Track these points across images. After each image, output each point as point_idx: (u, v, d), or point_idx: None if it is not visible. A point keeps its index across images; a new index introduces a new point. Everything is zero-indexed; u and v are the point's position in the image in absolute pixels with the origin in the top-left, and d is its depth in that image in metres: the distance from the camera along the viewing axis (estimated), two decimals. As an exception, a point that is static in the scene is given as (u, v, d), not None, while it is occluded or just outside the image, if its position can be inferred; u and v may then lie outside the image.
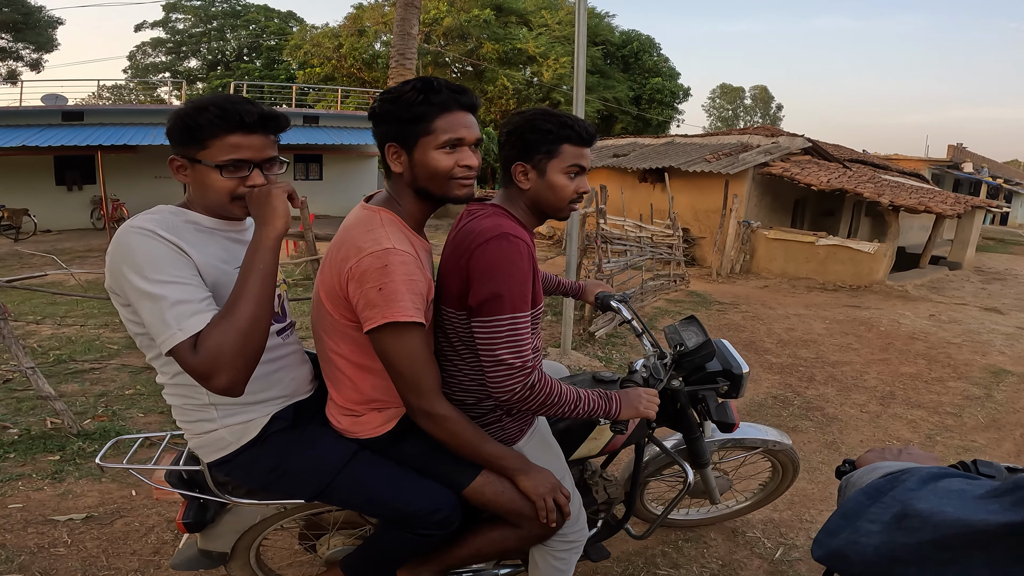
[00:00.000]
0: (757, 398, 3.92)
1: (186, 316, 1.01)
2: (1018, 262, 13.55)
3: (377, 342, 1.13)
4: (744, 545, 2.26)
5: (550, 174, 1.27)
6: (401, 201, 1.21)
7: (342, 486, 1.27)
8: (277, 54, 28.96)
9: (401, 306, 1.08)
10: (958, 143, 21.19)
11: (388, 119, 1.14)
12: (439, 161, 1.14)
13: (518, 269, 1.16)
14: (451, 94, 1.13)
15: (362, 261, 1.09)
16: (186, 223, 1.14)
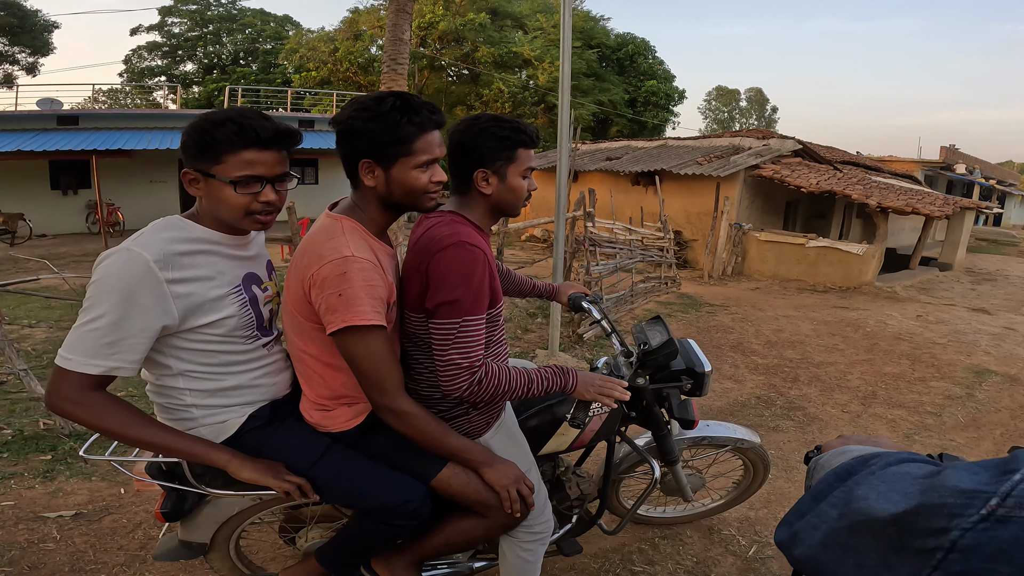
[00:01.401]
0: (740, 398, 3.97)
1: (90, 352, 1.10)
2: (1010, 263, 13.64)
3: (340, 344, 1.19)
4: (719, 543, 2.31)
5: (510, 178, 1.34)
6: (366, 210, 1.26)
7: (316, 479, 1.32)
8: (273, 58, 28.98)
9: (360, 310, 1.14)
10: (950, 145, 21.33)
11: (366, 135, 1.16)
12: (416, 179, 1.21)
13: (473, 275, 1.22)
14: (428, 115, 1.19)
15: (322, 268, 1.15)
16: (186, 241, 1.19)
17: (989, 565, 0.41)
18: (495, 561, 1.75)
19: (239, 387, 1.30)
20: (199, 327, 1.20)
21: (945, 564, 0.43)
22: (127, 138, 12.30)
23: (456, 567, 1.73)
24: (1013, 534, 0.40)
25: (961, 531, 0.43)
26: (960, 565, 0.42)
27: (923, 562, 0.45)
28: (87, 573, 1.97)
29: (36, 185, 12.84)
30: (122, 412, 1.16)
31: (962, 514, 0.43)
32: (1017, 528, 0.40)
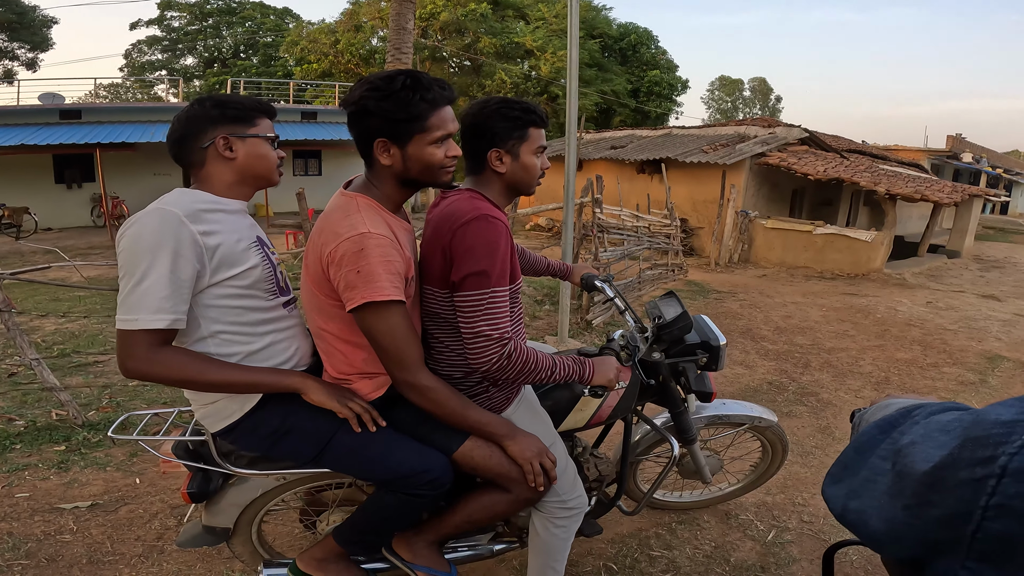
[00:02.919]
0: (753, 384, 3.97)
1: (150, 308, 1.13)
2: (1018, 251, 13.53)
3: (359, 320, 1.19)
4: (737, 527, 2.29)
5: (523, 156, 1.36)
6: (380, 187, 1.27)
7: (338, 446, 1.33)
8: (274, 51, 28.88)
9: (379, 286, 1.14)
10: (957, 134, 21.15)
11: (380, 115, 1.17)
12: (432, 155, 1.22)
13: (497, 247, 1.24)
14: (440, 91, 1.20)
15: (340, 246, 1.16)
16: (203, 202, 1.25)
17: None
18: (515, 544, 1.76)
19: (267, 348, 1.31)
20: (227, 279, 1.23)
21: (1000, 489, 0.45)
22: (130, 131, 12.30)
23: (477, 549, 1.73)
24: None
25: (1009, 456, 0.45)
26: (1015, 488, 0.44)
27: (976, 491, 0.46)
28: (105, 565, 1.97)
29: (40, 179, 12.87)
30: (196, 360, 1.20)
31: (1007, 441, 0.45)
32: None
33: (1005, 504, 0.45)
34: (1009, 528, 0.45)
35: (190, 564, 1.97)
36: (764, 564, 2.08)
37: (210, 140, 1.25)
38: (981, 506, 0.46)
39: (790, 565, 2.08)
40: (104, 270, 7.47)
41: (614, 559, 2.08)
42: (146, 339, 1.13)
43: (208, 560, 1.98)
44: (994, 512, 0.46)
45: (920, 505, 0.52)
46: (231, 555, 1.95)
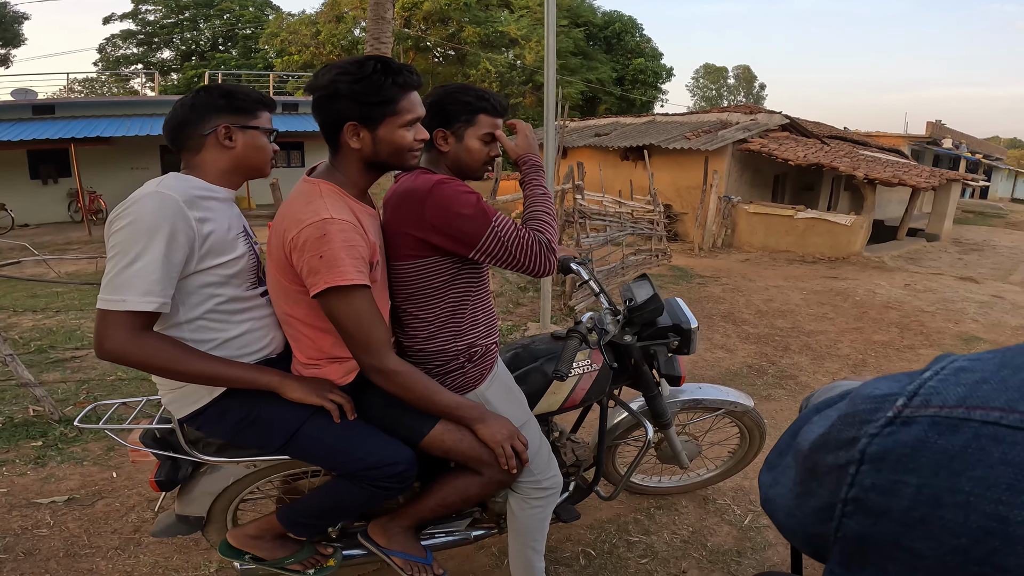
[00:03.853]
0: (733, 368, 4.01)
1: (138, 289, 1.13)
2: (997, 234, 13.80)
3: (324, 305, 1.19)
4: (714, 512, 2.31)
5: (467, 140, 1.40)
6: (346, 172, 1.27)
7: (305, 435, 1.32)
8: (253, 43, 28.39)
9: (342, 270, 1.14)
10: (937, 120, 21.42)
11: (352, 98, 1.17)
12: (403, 138, 1.23)
13: (469, 194, 1.29)
14: (408, 75, 1.21)
15: (302, 232, 1.15)
16: (198, 188, 1.26)
17: (896, 477, 0.36)
18: (492, 530, 1.77)
19: (242, 336, 1.30)
20: (214, 267, 1.24)
21: (859, 479, 0.38)
22: (105, 125, 12.09)
23: (454, 535, 1.73)
24: (916, 435, 0.36)
25: (869, 438, 0.38)
26: (871, 478, 0.38)
27: (839, 480, 0.40)
28: (82, 558, 1.96)
29: (15, 175, 12.61)
30: (175, 348, 1.19)
31: (871, 419, 0.39)
32: (920, 429, 0.36)
33: (861, 498, 0.39)
34: (863, 528, 0.39)
35: (167, 556, 1.97)
36: (740, 549, 2.10)
37: (211, 128, 1.27)
38: (841, 499, 0.40)
39: (766, 549, 2.10)
40: (83, 265, 7.35)
41: (593, 544, 2.09)
42: (129, 321, 1.12)
43: (185, 551, 1.98)
44: (852, 507, 0.39)
45: (803, 494, 0.46)
46: (208, 546, 1.95)
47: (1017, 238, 13.19)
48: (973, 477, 0.33)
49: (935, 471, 0.34)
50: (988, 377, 0.36)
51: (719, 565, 2.02)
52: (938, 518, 0.34)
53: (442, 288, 1.36)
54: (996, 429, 0.33)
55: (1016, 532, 0.31)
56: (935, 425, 0.35)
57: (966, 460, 0.34)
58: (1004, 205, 23.81)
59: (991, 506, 0.32)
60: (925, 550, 0.35)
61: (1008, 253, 10.64)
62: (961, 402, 0.35)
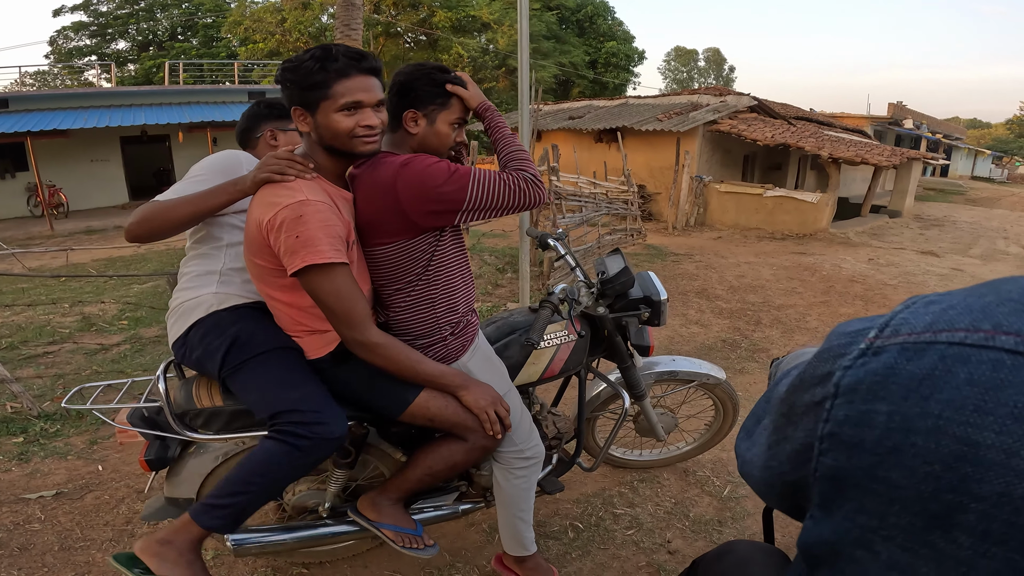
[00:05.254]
0: (707, 342, 4.13)
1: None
2: (957, 210, 14.29)
3: (304, 284, 1.23)
4: (695, 484, 2.37)
5: (439, 124, 1.40)
6: (314, 157, 1.30)
7: (250, 367, 1.35)
8: (215, 31, 27.44)
9: (319, 249, 1.18)
10: (898, 101, 22.03)
11: (290, 86, 1.23)
12: (340, 123, 1.23)
13: (436, 165, 1.30)
14: (348, 60, 1.22)
15: (279, 214, 1.19)
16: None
17: (868, 406, 0.36)
18: (480, 504, 1.79)
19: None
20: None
21: (833, 413, 0.38)
22: (62, 118, 11.63)
23: (443, 510, 1.75)
24: (885, 363, 0.36)
25: (843, 370, 0.38)
26: (844, 411, 0.37)
27: (816, 418, 0.39)
28: (77, 551, 1.96)
29: (-31, 172, 12.06)
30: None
31: (845, 353, 0.39)
32: (889, 356, 0.36)
33: (836, 433, 0.38)
34: (839, 463, 0.38)
35: None
36: (721, 519, 2.16)
37: (261, 132, 1.63)
38: (818, 436, 0.39)
39: (745, 519, 2.17)
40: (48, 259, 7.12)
41: (580, 518, 2.14)
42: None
43: None
44: (828, 443, 0.39)
45: (779, 442, 0.46)
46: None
47: (976, 214, 13.70)
48: (941, 400, 0.33)
49: (904, 396, 0.34)
50: (954, 304, 0.36)
51: (701, 535, 2.08)
52: (910, 445, 0.34)
53: (422, 266, 1.37)
54: (961, 349, 0.33)
55: (987, 456, 0.31)
56: (904, 351, 0.35)
57: (934, 383, 0.33)
58: (964, 182, 24.65)
59: (960, 429, 0.32)
60: (900, 480, 0.34)
61: (968, 228, 11.05)
62: (928, 328, 0.35)
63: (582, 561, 1.94)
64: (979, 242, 9.51)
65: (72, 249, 6.28)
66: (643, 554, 1.98)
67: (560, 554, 1.97)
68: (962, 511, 0.32)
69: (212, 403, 1.42)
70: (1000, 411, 0.31)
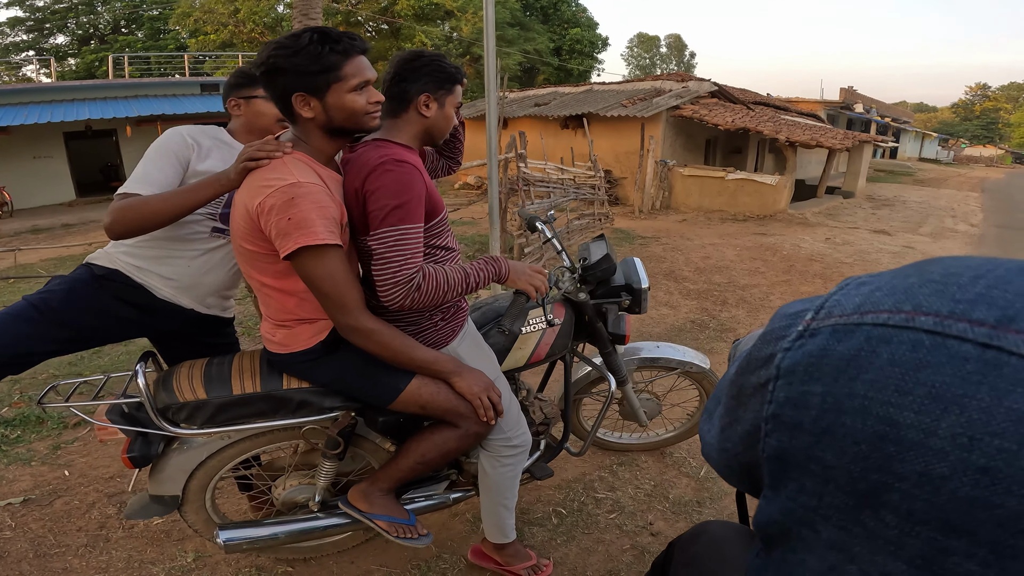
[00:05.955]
0: (677, 323, 4.22)
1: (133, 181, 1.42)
2: (906, 190, 14.92)
3: (297, 267, 1.21)
4: (672, 465, 2.40)
5: (447, 108, 1.43)
6: (309, 140, 1.28)
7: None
8: (162, 24, 26.30)
9: (313, 231, 1.16)
10: (849, 86, 22.82)
11: (292, 71, 1.19)
12: (354, 102, 1.23)
13: (406, 186, 1.26)
14: (350, 41, 1.22)
15: (269, 196, 1.17)
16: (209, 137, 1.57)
17: (805, 387, 0.36)
18: (470, 492, 1.78)
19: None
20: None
21: (775, 395, 0.38)
22: (1, 115, 10.96)
23: (434, 499, 1.74)
24: (819, 345, 0.36)
25: (783, 352, 0.38)
26: (785, 392, 0.38)
27: (762, 399, 0.40)
28: (53, 557, 1.90)
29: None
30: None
31: (786, 335, 0.39)
32: (822, 338, 0.36)
33: (778, 414, 0.38)
34: (782, 444, 0.38)
35: (140, 549, 1.93)
36: (700, 499, 2.19)
37: (226, 100, 1.67)
38: (763, 417, 0.40)
39: (722, 499, 2.20)
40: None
41: (563, 504, 2.16)
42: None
43: (158, 543, 1.95)
44: (772, 425, 0.39)
45: (732, 423, 0.46)
46: (182, 536, 1.95)
47: (925, 194, 14.32)
48: (866, 380, 0.33)
49: (835, 377, 0.35)
50: (881, 286, 0.37)
51: (682, 516, 2.11)
52: (840, 425, 0.34)
53: None
54: (884, 330, 0.33)
55: (907, 436, 0.31)
56: (835, 333, 0.36)
57: (860, 364, 0.34)
58: (912, 164, 25.79)
59: (883, 409, 0.32)
60: (833, 460, 0.35)
61: (917, 207, 11.53)
62: (856, 309, 0.36)
63: (567, 547, 1.96)
64: (928, 221, 9.92)
65: (20, 249, 5.98)
66: (626, 537, 2.00)
67: (545, 540, 1.98)
68: (887, 491, 0.33)
69: (195, 396, 1.38)
70: (918, 391, 0.31)
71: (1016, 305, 0.30)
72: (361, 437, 1.60)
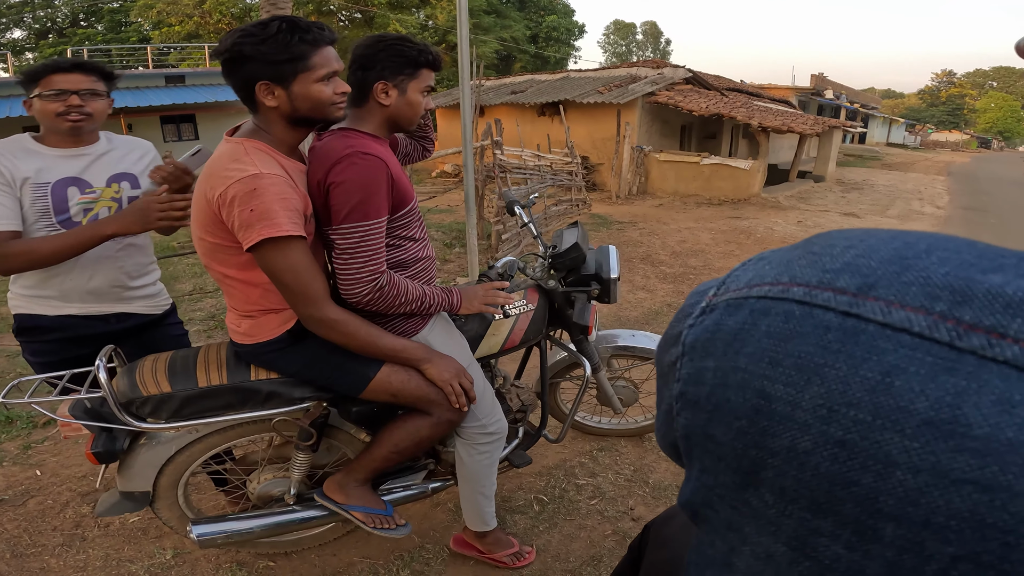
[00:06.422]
0: (654, 307, 4.26)
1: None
2: (874, 174, 15.26)
3: (259, 259, 1.18)
4: (652, 450, 2.39)
5: (410, 93, 1.37)
6: (271, 130, 1.25)
7: None
8: (123, 16, 25.46)
9: (276, 222, 1.13)
10: (820, 73, 23.18)
11: (258, 59, 1.16)
12: (321, 92, 1.21)
13: (370, 181, 1.25)
14: (319, 31, 1.20)
15: (230, 188, 1.14)
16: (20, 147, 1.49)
17: (702, 363, 0.36)
18: (449, 481, 1.76)
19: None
20: None
21: (681, 372, 0.38)
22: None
23: (412, 489, 1.72)
24: (715, 320, 0.36)
25: (688, 329, 0.38)
26: (687, 369, 0.37)
27: (673, 377, 0.39)
28: (30, 557, 1.87)
29: None
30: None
31: (692, 312, 0.39)
32: (718, 313, 0.36)
33: (684, 392, 0.37)
34: (687, 422, 0.37)
35: (117, 547, 1.90)
36: (679, 483, 2.21)
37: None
38: (674, 396, 0.39)
39: None
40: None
41: (544, 491, 2.15)
42: None
43: (135, 541, 1.92)
44: (680, 403, 0.38)
45: (659, 403, 0.44)
46: (160, 533, 1.93)
47: (892, 177, 14.67)
48: (746, 353, 0.33)
49: (724, 352, 0.34)
50: (771, 259, 0.36)
51: (662, 501, 2.12)
52: (726, 401, 0.34)
53: None
54: (764, 302, 0.33)
55: (777, 409, 0.31)
56: (728, 307, 0.35)
57: (743, 337, 0.33)
58: (880, 149, 26.42)
59: (759, 382, 0.32)
60: (720, 436, 0.34)
61: (885, 191, 11.80)
62: (747, 283, 0.35)
63: (550, 534, 1.96)
64: (896, 203, 10.17)
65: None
66: (608, 523, 2.01)
67: (527, 528, 1.98)
68: (764, 468, 0.32)
69: (159, 389, 1.35)
70: (787, 362, 0.30)
71: (878, 272, 0.30)
72: (335, 428, 1.58)
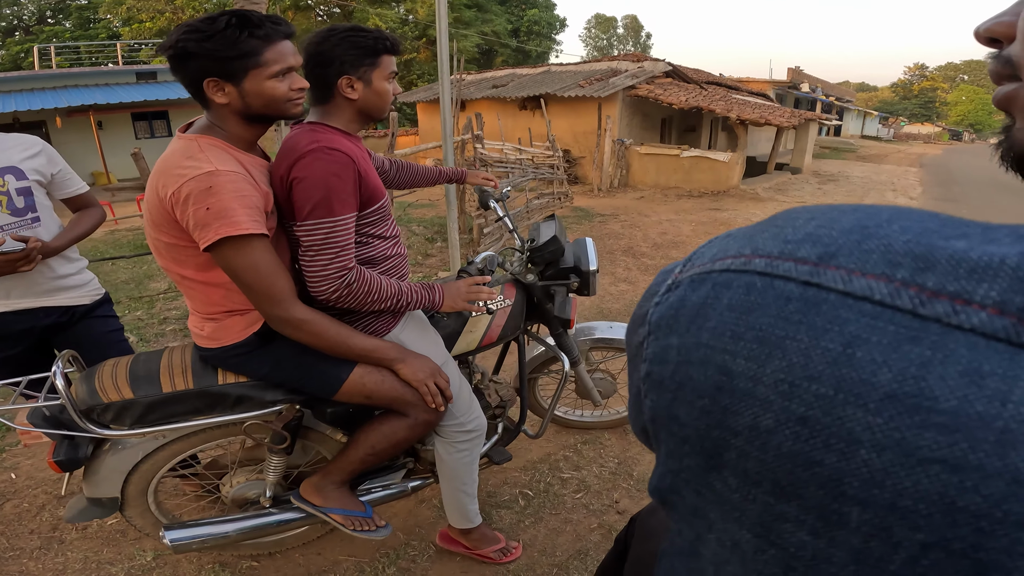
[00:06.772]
0: (636, 299, 4.22)
1: None
2: (850, 166, 15.54)
3: (219, 259, 1.13)
4: (635, 443, 2.38)
5: (375, 82, 1.32)
6: (225, 126, 1.20)
7: None
8: (91, 12, 24.80)
9: (234, 220, 1.09)
10: (796, 66, 23.54)
11: (204, 56, 1.11)
12: (275, 89, 1.17)
13: (335, 177, 1.20)
14: (273, 26, 1.15)
15: (184, 186, 1.09)
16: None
17: (666, 341, 0.35)
18: (429, 480, 1.74)
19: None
20: None
21: (647, 352, 0.37)
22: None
23: (391, 488, 1.69)
24: (679, 296, 0.35)
25: (654, 307, 0.37)
26: (652, 348, 0.36)
27: (640, 358, 0.38)
28: (8, 560, 1.82)
29: None
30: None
31: (658, 291, 0.37)
32: (683, 289, 0.35)
33: (650, 372, 0.36)
34: (654, 403, 0.36)
35: (96, 549, 1.86)
36: None
37: None
38: (641, 377, 0.38)
39: None
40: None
41: (529, 485, 2.14)
42: None
43: (114, 543, 1.88)
44: (647, 384, 0.37)
45: (630, 387, 0.43)
46: (139, 535, 1.89)
47: (867, 169, 14.93)
48: (708, 328, 0.32)
49: (687, 328, 0.33)
50: (736, 235, 0.36)
51: (647, 493, 2.20)
52: (689, 379, 0.33)
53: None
54: (727, 275, 0.32)
55: (739, 386, 0.29)
56: (692, 283, 0.34)
57: (706, 312, 0.32)
58: (855, 141, 26.91)
59: (720, 357, 0.31)
60: (683, 416, 0.33)
61: (860, 182, 12.00)
62: (711, 258, 0.35)
63: (536, 528, 1.95)
64: (870, 194, 10.34)
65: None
66: (593, 516, 2.01)
67: (513, 523, 1.97)
68: (727, 448, 0.31)
69: (120, 396, 1.29)
70: (748, 335, 0.29)
71: (839, 241, 0.29)
72: (310, 429, 1.54)
